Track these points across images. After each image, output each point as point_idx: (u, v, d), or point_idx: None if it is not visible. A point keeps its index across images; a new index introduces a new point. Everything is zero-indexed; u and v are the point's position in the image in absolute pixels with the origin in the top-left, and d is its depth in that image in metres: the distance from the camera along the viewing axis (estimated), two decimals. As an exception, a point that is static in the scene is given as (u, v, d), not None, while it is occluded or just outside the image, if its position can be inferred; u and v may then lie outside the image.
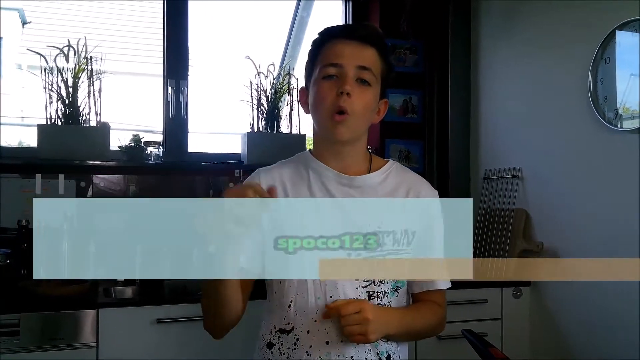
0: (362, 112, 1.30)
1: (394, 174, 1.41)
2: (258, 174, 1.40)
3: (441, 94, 3.40)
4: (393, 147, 3.36)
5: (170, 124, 3.07)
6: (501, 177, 3.04)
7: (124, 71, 3.97)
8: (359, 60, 1.30)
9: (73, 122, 2.69)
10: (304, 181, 1.36)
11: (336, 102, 1.28)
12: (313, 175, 1.37)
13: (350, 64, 1.29)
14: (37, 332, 2.19)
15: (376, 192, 1.36)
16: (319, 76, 1.32)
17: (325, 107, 1.30)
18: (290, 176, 1.38)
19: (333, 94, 1.29)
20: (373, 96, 1.33)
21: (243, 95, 3.03)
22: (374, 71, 1.31)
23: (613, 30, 2.38)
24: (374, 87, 1.33)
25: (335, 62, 1.30)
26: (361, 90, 1.30)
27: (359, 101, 1.29)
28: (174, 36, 3.12)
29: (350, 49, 1.31)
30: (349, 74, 1.29)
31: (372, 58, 1.32)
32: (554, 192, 2.73)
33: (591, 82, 2.47)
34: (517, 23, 3.00)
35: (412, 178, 1.43)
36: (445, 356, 2.62)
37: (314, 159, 1.39)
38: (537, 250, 2.78)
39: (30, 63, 3.10)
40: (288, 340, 1.31)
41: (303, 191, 1.35)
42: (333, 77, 1.30)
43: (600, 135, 2.45)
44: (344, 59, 1.30)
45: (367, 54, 1.31)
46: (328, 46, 1.33)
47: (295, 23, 4.06)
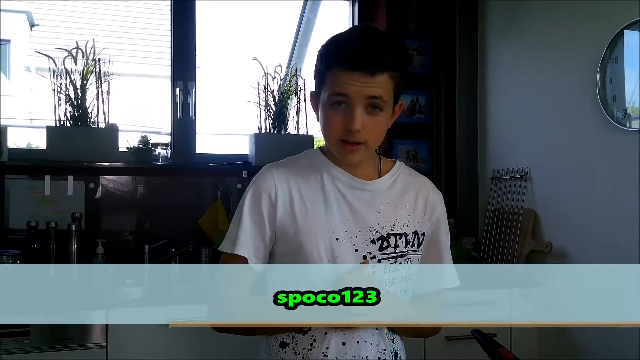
0: (374, 137, 1.28)
1: (402, 177, 1.41)
2: (270, 171, 1.36)
3: (448, 94, 3.40)
4: (401, 147, 3.35)
5: (178, 125, 3.08)
6: (509, 177, 3.03)
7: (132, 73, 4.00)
8: (368, 92, 1.23)
9: (81, 123, 2.70)
10: (318, 183, 1.35)
11: (346, 135, 1.25)
12: (326, 177, 1.36)
13: (359, 96, 1.23)
14: (47, 333, 2.20)
15: (387, 195, 1.37)
16: (327, 102, 1.27)
17: (334, 136, 1.28)
18: (303, 176, 1.36)
19: (341, 125, 1.25)
20: (385, 119, 1.28)
21: (250, 97, 3.03)
22: (385, 97, 1.25)
23: (621, 30, 2.37)
24: (386, 109, 1.27)
25: (342, 92, 1.23)
26: (372, 118, 1.25)
27: (371, 130, 1.26)
28: (182, 38, 3.12)
29: (358, 79, 1.22)
30: (357, 107, 1.23)
31: (383, 85, 1.24)
32: (563, 192, 2.72)
33: (599, 81, 2.47)
34: (524, 23, 2.99)
35: (419, 180, 1.45)
36: (454, 356, 2.61)
37: (326, 160, 1.38)
38: (546, 250, 2.77)
39: (39, 65, 3.11)
40: (304, 340, 1.31)
41: (317, 193, 1.34)
42: (341, 105, 1.25)
43: (609, 135, 2.45)
44: (350, 91, 1.22)
45: (377, 82, 1.23)
46: (334, 72, 1.24)
47: (302, 24, 4.06)
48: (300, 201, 1.33)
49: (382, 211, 1.34)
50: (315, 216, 1.31)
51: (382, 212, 1.34)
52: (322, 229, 1.30)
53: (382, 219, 1.33)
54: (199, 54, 3.17)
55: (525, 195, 2.93)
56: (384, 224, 1.33)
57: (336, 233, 1.30)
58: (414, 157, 3.36)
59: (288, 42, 4.03)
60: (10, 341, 2.15)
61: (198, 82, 3.13)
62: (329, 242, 1.29)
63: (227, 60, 4.06)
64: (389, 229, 1.33)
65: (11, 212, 2.74)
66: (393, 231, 1.33)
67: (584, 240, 2.60)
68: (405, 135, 3.36)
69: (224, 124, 3.67)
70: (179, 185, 3.04)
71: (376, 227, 1.32)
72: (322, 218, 1.31)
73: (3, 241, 2.66)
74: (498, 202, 3.10)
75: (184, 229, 2.97)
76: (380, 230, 1.32)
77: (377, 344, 1.32)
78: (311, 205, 1.33)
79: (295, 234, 1.31)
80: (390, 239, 1.32)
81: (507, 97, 3.14)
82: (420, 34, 3.36)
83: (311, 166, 1.38)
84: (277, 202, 1.32)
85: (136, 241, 2.92)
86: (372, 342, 1.32)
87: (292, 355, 1.32)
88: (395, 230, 1.33)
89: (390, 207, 1.35)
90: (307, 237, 1.30)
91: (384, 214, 1.34)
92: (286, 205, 1.33)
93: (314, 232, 1.30)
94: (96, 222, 2.89)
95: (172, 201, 3.01)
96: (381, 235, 1.32)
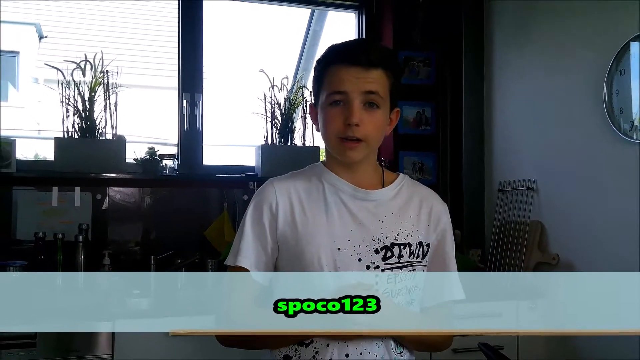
0: (373, 135, 1.32)
1: (405, 188, 1.43)
2: (272, 184, 1.39)
3: (454, 105, 3.40)
4: (407, 159, 3.35)
5: (185, 136, 3.09)
6: (516, 189, 3.03)
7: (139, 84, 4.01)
8: (364, 86, 1.29)
9: (89, 135, 2.72)
10: (319, 194, 1.37)
11: (345, 130, 1.29)
12: (328, 187, 1.37)
13: (356, 91, 1.28)
14: (53, 344, 2.20)
15: (390, 205, 1.38)
16: (325, 102, 1.32)
17: (335, 134, 1.31)
18: (305, 188, 1.38)
19: (340, 121, 1.29)
20: (383, 116, 1.33)
21: (257, 108, 3.04)
22: (381, 93, 1.30)
23: (628, 42, 2.37)
24: (383, 107, 1.32)
25: (340, 90, 1.29)
26: (369, 114, 1.30)
27: (369, 126, 1.30)
28: (189, 49, 3.14)
29: (354, 74, 1.28)
30: (355, 102, 1.28)
31: (378, 80, 1.30)
32: (569, 203, 2.71)
33: (606, 93, 2.46)
34: (531, 34, 2.99)
35: (423, 191, 1.45)
36: (460, 369, 2.60)
37: (329, 172, 1.39)
38: (553, 262, 2.76)
39: (47, 77, 3.14)
40: (307, 352, 1.31)
41: (319, 204, 1.36)
42: (339, 104, 1.30)
43: (616, 147, 2.44)
44: (349, 86, 1.28)
45: (372, 77, 1.29)
46: (332, 71, 1.31)
47: (308, 36, 4.08)
48: (302, 211, 1.34)
49: (385, 221, 1.35)
50: (317, 226, 1.33)
51: (386, 222, 1.35)
52: (323, 238, 1.31)
53: (386, 229, 1.34)
54: (206, 65, 3.19)
55: (532, 207, 2.92)
56: (388, 234, 1.33)
57: (338, 242, 1.31)
58: (420, 168, 3.36)
59: (294, 54, 4.05)
60: (16, 352, 2.14)
61: (205, 93, 3.14)
62: (330, 252, 1.30)
63: (234, 71, 4.08)
64: (393, 239, 1.33)
65: (19, 223, 2.75)
66: (397, 241, 1.33)
67: (591, 252, 2.59)
68: (411, 147, 3.36)
69: (230, 135, 3.69)
70: (185, 197, 3.05)
71: (380, 237, 1.33)
72: (323, 228, 1.32)
73: (10, 252, 2.67)
74: (504, 214, 3.09)
75: (190, 240, 2.98)
76: (384, 239, 1.32)
77: (381, 356, 1.31)
78: (312, 215, 1.34)
79: (296, 244, 1.32)
80: (394, 249, 1.32)
81: (513, 107, 3.14)
82: (426, 45, 3.37)
83: (313, 178, 1.40)
84: (277, 212, 1.35)
85: (143, 252, 2.92)
86: (377, 355, 1.31)
87: None
88: (399, 240, 1.34)
89: (393, 217, 1.36)
90: (308, 246, 1.31)
91: (387, 224, 1.34)
92: (287, 215, 1.34)
93: (315, 242, 1.31)
94: (103, 233, 2.90)
95: (179, 212, 3.02)
96: (385, 245, 1.32)
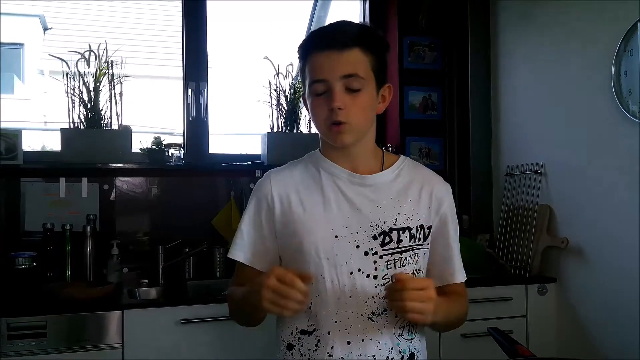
0: (359, 117, 1.30)
1: (406, 170, 1.41)
2: (268, 177, 1.40)
3: (461, 90, 3.38)
4: (413, 144, 3.34)
5: (190, 125, 3.09)
6: (524, 173, 3.01)
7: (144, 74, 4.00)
8: (342, 70, 1.26)
9: (95, 125, 2.72)
10: (316, 182, 1.36)
11: (330, 116, 1.28)
12: (325, 175, 1.37)
13: (335, 77, 1.26)
14: (64, 334, 2.22)
15: (389, 189, 1.36)
16: (309, 92, 1.31)
17: (321, 122, 1.31)
18: (302, 178, 1.38)
19: (325, 109, 1.28)
20: (368, 97, 1.31)
21: (262, 96, 3.04)
22: (361, 73, 1.28)
23: (636, 23, 2.34)
24: (366, 87, 1.30)
25: (320, 78, 1.28)
26: (352, 98, 1.28)
27: (353, 109, 1.28)
28: (193, 39, 3.13)
29: (331, 59, 1.27)
30: (335, 88, 1.27)
31: (356, 61, 1.27)
32: (578, 187, 2.69)
33: (614, 74, 2.44)
34: (537, 17, 2.96)
35: (424, 173, 1.43)
36: (470, 354, 2.60)
37: (325, 159, 1.39)
38: (562, 246, 2.75)
39: (52, 68, 3.13)
40: (309, 341, 1.31)
41: (316, 193, 1.35)
42: (322, 94, 1.29)
43: (625, 128, 2.42)
44: (327, 73, 1.27)
45: (349, 59, 1.27)
46: (310, 60, 1.30)
47: (312, 23, 4.06)
48: (298, 202, 1.34)
49: (383, 206, 1.33)
50: (313, 216, 1.32)
51: (384, 207, 1.33)
52: (320, 227, 1.31)
53: (384, 214, 1.32)
54: (210, 54, 3.18)
55: (540, 191, 2.91)
56: (386, 219, 1.32)
57: (335, 230, 1.31)
58: (427, 154, 3.35)
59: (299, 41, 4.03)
60: (27, 342, 2.16)
61: (210, 82, 3.14)
62: (327, 240, 1.30)
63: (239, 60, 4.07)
64: (391, 224, 1.32)
65: (27, 215, 2.76)
66: (395, 226, 1.32)
67: (600, 235, 2.57)
68: (418, 132, 3.35)
69: (236, 123, 3.68)
70: (192, 186, 3.05)
71: (377, 223, 1.31)
72: (320, 217, 1.32)
73: (19, 243, 2.68)
74: (513, 198, 3.07)
75: (198, 229, 2.98)
76: (382, 225, 1.31)
77: (385, 342, 1.30)
78: (309, 205, 1.34)
79: (294, 235, 1.33)
80: (393, 234, 1.31)
81: (521, 91, 3.11)
82: (432, 30, 3.35)
83: (310, 167, 1.40)
84: (274, 205, 1.35)
85: (151, 242, 2.93)
86: (380, 341, 1.30)
87: (298, 357, 1.32)
88: (398, 224, 1.32)
89: (392, 202, 1.34)
90: (305, 236, 1.31)
91: (385, 209, 1.33)
92: (284, 207, 1.35)
93: (312, 232, 1.31)
94: (111, 223, 2.91)
95: (186, 201, 3.02)
96: (383, 230, 1.31)
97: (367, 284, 1.29)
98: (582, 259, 2.66)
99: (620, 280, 2.45)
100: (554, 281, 2.80)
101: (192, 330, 2.33)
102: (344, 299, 1.29)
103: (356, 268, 1.30)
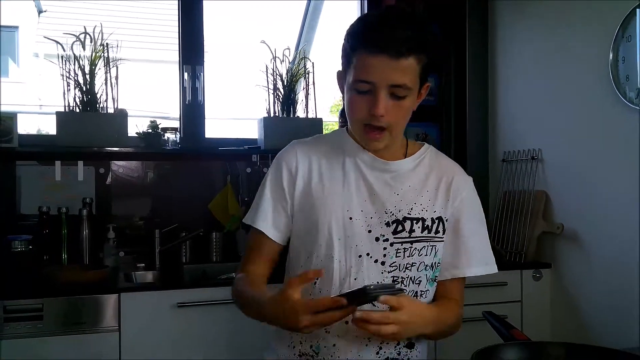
0: (399, 123, 1.28)
1: (427, 159, 1.39)
2: (294, 147, 1.39)
3: (458, 75, 3.37)
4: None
5: (186, 109, 3.07)
6: (520, 159, 3.01)
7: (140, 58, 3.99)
8: (392, 79, 1.20)
9: (91, 109, 2.70)
10: (339, 161, 1.36)
11: (370, 119, 1.24)
12: (349, 156, 1.36)
13: (382, 84, 1.20)
14: (60, 317, 2.22)
15: (409, 178, 1.35)
16: (352, 85, 1.25)
17: (357, 120, 1.27)
18: (326, 153, 1.37)
19: (365, 110, 1.23)
20: (411, 102, 1.26)
21: (259, 80, 3.02)
22: (410, 84, 1.22)
23: (634, 9, 2.33)
24: (411, 94, 1.25)
25: (367, 80, 1.21)
26: (396, 103, 1.23)
27: (395, 114, 1.24)
28: (189, 22, 3.11)
29: (382, 65, 1.19)
30: (381, 94, 1.21)
31: (408, 70, 1.20)
32: (574, 173, 2.70)
33: (612, 60, 2.43)
34: (535, 2, 2.95)
35: (445, 164, 1.42)
36: (465, 338, 2.61)
37: (351, 141, 1.37)
38: (557, 232, 2.76)
39: (47, 51, 3.11)
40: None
41: (337, 171, 1.35)
42: (365, 92, 1.23)
43: (622, 115, 2.42)
44: (374, 77, 1.20)
45: (401, 67, 1.19)
46: (359, 56, 1.21)
47: (309, 7, 4.04)
48: (319, 178, 1.34)
49: (401, 194, 1.33)
50: (332, 194, 1.32)
51: (402, 195, 1.33)
52: (336, 207, 1.31)
53: (400, 202, 1.32)
54: (207, 38, 3.15)
55: (537, 177, 2.91)
56: (402, 207, 1.32)
57: (350, 212, 1.31)
58: (423, 139, 3.33)
59: (296, 25, 4.01)
60: (24, 325, 2.17)
61: (206, 66, 3.11)
62: (342, 221, 1.30)
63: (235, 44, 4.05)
64: (406, 213, 1.32)
65: (22, 198, 2.76)
66: (410, 215, 1.32)
67: (595, 221, 2.58)
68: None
69: (232, 108, 3.67)
70: (188, 170, 3.04)
71: (392, 210, 1.31)
72: (338, 196, 1.32)
73: (15, 227, 2.68)
74: (509, 184, 3.08)
75: (194, 214, 2.98)
76: (396, 213, 1.31)
77: None
78: (329, 183, 1.34)
79: (310, 210, 1.33)
80: (406, 223, 1.31)
81: (518, 77, 3.11)
82: (429, 15, 3.33)
83: (336, 145, 1.39)
84: (297, 176, 1.35)
85: (147, 226, 2.93)
86: None
87: (295, 333, 1.32)
88: (413, 214, 1.32)
89: (411, 190, 1.34)
90: (321, 214, 1.31)
91: (402, 197, 1.33)
92: (305, 180, 1.35)
93: (328, 210, 1.31)
94: (107, 207, 2.90)
95: (182, 186, 3.02)
96: (397, 218, 1.31)
97: (373, 269, 1.30)
98: (577, 245, 2.67)
99: (614, 265, 2.46)
100: (549, 267, 2.81)
101: (188, 313, 2.34)
102: (348, 280, 1.30)
103: (365, 252, 1.30)
